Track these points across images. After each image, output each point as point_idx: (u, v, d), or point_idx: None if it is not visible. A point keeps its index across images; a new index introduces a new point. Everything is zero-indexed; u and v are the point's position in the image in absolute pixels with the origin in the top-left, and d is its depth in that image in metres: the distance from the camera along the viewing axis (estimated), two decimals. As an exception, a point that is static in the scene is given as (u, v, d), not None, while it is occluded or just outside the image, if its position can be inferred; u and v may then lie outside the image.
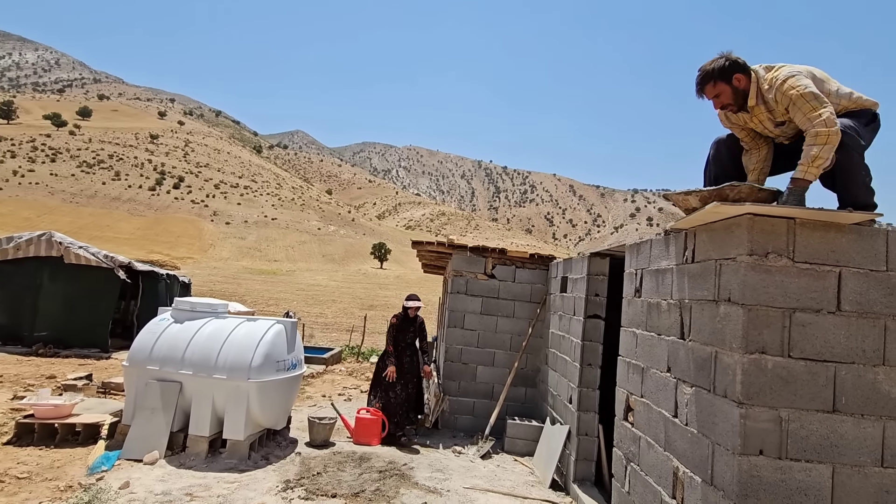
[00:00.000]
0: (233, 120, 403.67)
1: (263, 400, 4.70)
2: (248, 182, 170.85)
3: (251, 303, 27.54)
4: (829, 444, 2.05)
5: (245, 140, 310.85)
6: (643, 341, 3.04)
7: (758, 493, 2.03)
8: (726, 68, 2.30)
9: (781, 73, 2.26)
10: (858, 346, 2.09)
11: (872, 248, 2.13)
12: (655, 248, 3.02)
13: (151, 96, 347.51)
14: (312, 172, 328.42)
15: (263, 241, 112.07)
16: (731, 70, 2.30)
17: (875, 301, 2.10)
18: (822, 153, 2.09)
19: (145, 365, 4.75)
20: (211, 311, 5.27)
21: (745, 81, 2.32)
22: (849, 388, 2.07)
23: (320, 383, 9.02)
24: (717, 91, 2.35)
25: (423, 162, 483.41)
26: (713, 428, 2.23)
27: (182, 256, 75.67)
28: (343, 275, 68.31)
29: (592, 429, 4.60)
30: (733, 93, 2.34)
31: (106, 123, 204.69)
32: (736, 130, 2.58)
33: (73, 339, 9.77)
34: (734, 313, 2.14)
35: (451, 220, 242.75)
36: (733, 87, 2.33)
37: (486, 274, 6.43)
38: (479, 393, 6.32)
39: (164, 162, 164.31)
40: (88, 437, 4.79)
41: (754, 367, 2.07)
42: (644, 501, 2.82)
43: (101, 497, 3.55)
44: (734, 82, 2.32)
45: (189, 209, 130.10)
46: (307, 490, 4.04)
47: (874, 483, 2.04)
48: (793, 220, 2.13)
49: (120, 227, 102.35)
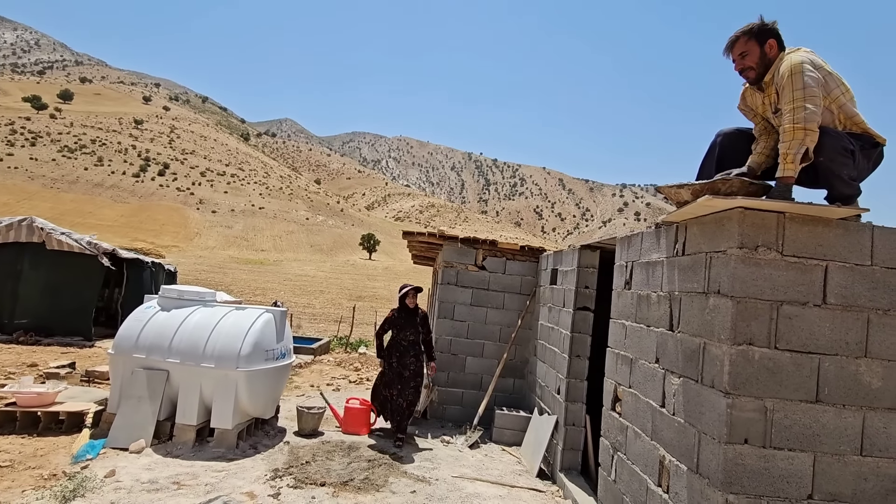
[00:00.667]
0: (220, 106, 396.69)
1: (252, 389, 4.67)
2: (234, 170, 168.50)
3: (238, 292, 27.29)
4: (812, 433, 2.10)
5: (232, 127, 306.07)
6: (632, 333, 3.08)
7: (742, 480, 2.08)
8: (765, 30, 2.29)
9: (795, 56, 2.22)
10: (842, 339, 2.14)
11: (858, 243, 2.17)
12: (646, 241, 3.05)
13: (135, 80, 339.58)
14: (301, 161, 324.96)
15: (250, 230, 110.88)
16: (768, 34, 2.29)
17: (859, 295, 2.15)
18: (790, 150, 2.12)
19: (131, 353, 4.68)
20: (199, 299, 5.21)
21: (775, 51, 2.30)
22: (832, 379, 2.12)
23: (308, 373, 8.99)
24: (747, 49, 2.32)
25: (413, 153, 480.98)
26: (700, 417, 2.27)
27: (167, 245, 74.57)
28: (331, 265, 67.95)
29: (580, 419, 4.66)
30: (760, 56, 2.31)
31: (88, 107, 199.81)
32: (748, 115, 2.55)
33: (55, 326, 9.59)
34: (723, 305, 2.17)
35: (441, 211, 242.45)
36: (763, 51, 2.30)
37: (476, 265, 6.44)
38: (468, 384, 6.36)
39: (148, 148, 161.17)
40: (72, 426, 4.73)
41: (742, 358, 2.11)
42: (630, 489, 2.87)
43: (86, 485, 3.51)
44: (766, 47, 2.30)
45: (174, 197, 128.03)
46: (295, 478, 4.04)
47: (853, 471, 2.10)
48: (782, 215, 2.17)
49: (103, 213, 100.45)
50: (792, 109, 2.13)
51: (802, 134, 2.11)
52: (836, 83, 2.26)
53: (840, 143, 2.16)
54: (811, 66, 2.18)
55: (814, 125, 2.11)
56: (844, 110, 2.26)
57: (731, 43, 2.36)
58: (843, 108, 2.26)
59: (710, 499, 2.13)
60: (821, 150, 2.15)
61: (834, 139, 2.16)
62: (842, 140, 2.17)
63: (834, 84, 2.25)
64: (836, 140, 2.16)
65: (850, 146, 2.17)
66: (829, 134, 2.16)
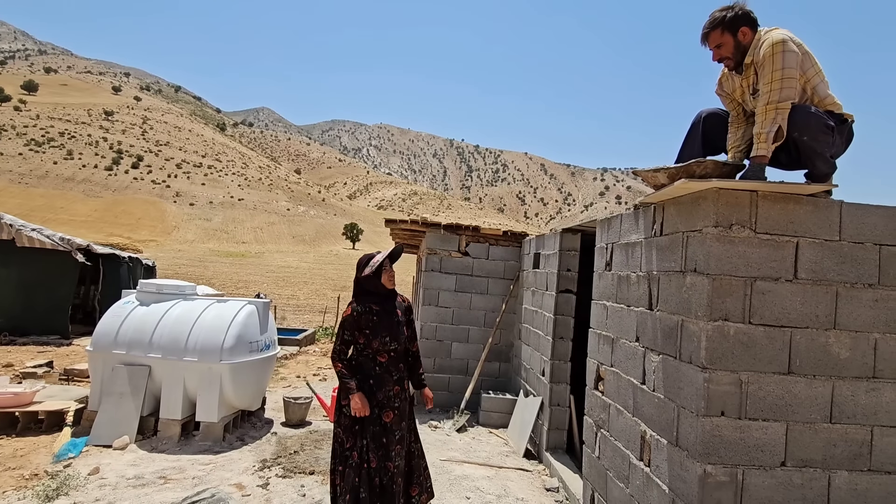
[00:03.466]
0: (193, 96, 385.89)
1: (237, 381, 4.64)
2: (211, 161, 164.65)
3: (219, 286, 26.89)
4: (784, 403, 2.19)
5: (207, 117, 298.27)
6: (613, 313, 3.14)
7: (719, 451, 2.15)
8: (735, 19, 2.27)
9: (776, 34, 2.22)
10: (812, 312, 2.21)
11: (827, 219, 2.24)
12: (626, 223, 3.09)
13: (104, 70, 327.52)
14: (280, 151, 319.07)
15: (230, 222, 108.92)
16: (739, 22, 2.27)
17: (828, 269, 2.22)
18: (763, 128, 2.16)
19: (111, 349, 4.60)
20: (178, 292, 5.12)
21: (749, 36, 2.29)
22: (803, 351, 2.20)
23: (294, 364, 8.96)
24: (721, 41, 2.31)
25: (394, 141, 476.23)
26: (679, 392, 2.33)
27: (144, 239, 72.83)
28: (314, 256, 67.34)
29: (564, 399, 4.75)
30: (735, 46, 2.31)
31: (55, 98, 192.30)
32: (725, 101, 2.57)
33: (30, 325, 9.34)
34: (700, 283, 2.22)
35: (424, 199, 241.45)
36: (737, 41, 2.30)
37: (460, 252, 6.46)
38: (455, 369, 6.42)
39: (120, 140, 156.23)
40: (53, 425, 4.64)
41: (718, 333, 2.17)
42: (613, 465, 2.95)
43: (69, 483, 3.46)
44: (739, 35, 2.29)
45: (150, 190, 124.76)
46: (284, 468, 4.05)
47: (823, 438, 2.19)
48: (755, 193, 2.21)
49: (75, 208, 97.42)
50: (769, 90, 2.16)
51: (774, 113, 2.15)
52: (810, 63, 2.27)
53: (823, 121, 2.19)
54: (793, 46, 2.19)
55: (786, 104, 2.14)
56: (818, 91, 2.29)
57: (704, 35, 2.36)
58: (816, 89, 2.29)
59: (689, 470, 2.20)
60: (805, 130, 2.17)
61: (817, 118, 2.18)
62: (823, 118, 2.20)
63: (809, 64, 2.27)
64: (819, 119, 2.18)
65: (832, 123, 2.21)
66: (812, 113, 2.18)
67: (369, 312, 2.84)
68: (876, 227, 2.25)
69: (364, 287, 2.91)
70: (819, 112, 2.22)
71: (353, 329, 2.84)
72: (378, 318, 2.85)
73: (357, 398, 2.75)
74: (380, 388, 2.84)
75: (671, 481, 2.33)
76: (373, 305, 2.87)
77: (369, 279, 2.90)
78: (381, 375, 2.86)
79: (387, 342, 2.84)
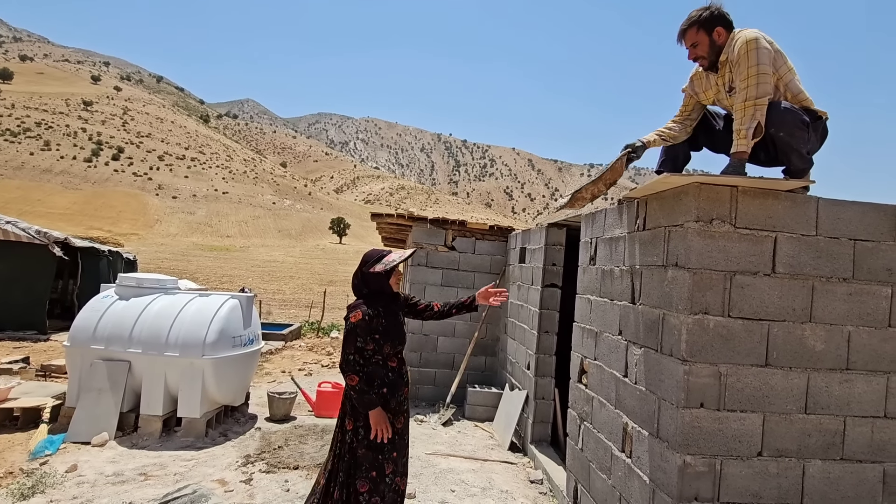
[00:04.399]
0: (176, 86, 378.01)
1: (220, 377, 4.59)
2: (195, 154, 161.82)
3: (203, 280, 26.52)
4: (762, 394, 2.23)
5: (190, 108, 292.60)
6: (597, 307, 3.17)
7: (698, 442, 2.19)
8: (711, 18, 2.33)
9: (749, 33, 2.28)
10: (789, 305, 2.26)
11: (805, 215, 2.28)
12: (610, 217, 3.11)
13: (82, 58, 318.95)
14: (265, 144, 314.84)
15: (214, 216, 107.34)
16: (715, 22, 2.33)
17: (805, 263, 2.27)
18: (742, 125, 2.21)
19: (89, 345, 4.51)
20: (159, 286, 5.04)
21: (724, 36, 2.34)
22: (780, 343, 2.24)
23: (279, 359, 8.89)
24: (697, 40, 2.37)
25: (381, 134, 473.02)
26: (660, 385, 2.37)
27: (125, 233, 71.41)
28: (301, 250, 66.72)
29: (549, 393, 4.79)
30: (710, 45, 2.36)
31: (31, 87, 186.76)
32: (686, 99, 2.62)
33: (5, 321, 9.12)
34: (681, 277, 2.25)
35: (411, 193, 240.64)
36: (711, 40, 2.35)
37: (446, 246, 6.46)
38: (441, 363, 6.43)
39: (100, 131, 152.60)
40: (29, 422, 4.54)
41: (698, 326, 2.20)
42: (596, 456, 2.99)
43: (45, 481, 3.39)
44: (714, 35, 2.34)
45: (131, 182, 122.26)
46: (268, 463, 4.03)
47: (798, 428, 2.25)
48: (735, 189, 2.24)
49: (53, 201, 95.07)
50: (747, 87, 2.21)
51: (753, 109, 2.19)
52: (782, 60, 2.33)
53: (799, 117, 2.25)
54: (765, 43, 2.25)
55: (764, 100, 2.20)
56: (790, 88, 2.34)
57: (681, 33, 2.42)
58: (788, 86, 2.34)
59: (669, 461, 2.24)
60: (782, 126, 2.23)
61: (793, 114, 2.24)
62: (800, 114, 2.26)
63: (781, 61, 2.32)
64: (795, 115, 2.24)
65: (807, 119, 2.27)
66: (788, 110, 2.24)
67: (379, 315, 2.61)
68: (851, 223, 2.30)
69: (367, 283, 2.67)
70: (795, 108, 2.27)
71: (365, 335, 2.55)
72: (387, 320, 2.62)
73: (378, 416, 2.49)
74: (393, 395, 2.62)
75: (652, 472, 2.37)
76: (380, 308, 2.62)
77: (378, 277, 2.64)
78: (395, 381, 2.64)
79: (397, 346, 2.66)
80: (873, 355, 2.28)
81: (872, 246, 2.30)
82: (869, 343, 2.28)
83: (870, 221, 2.30)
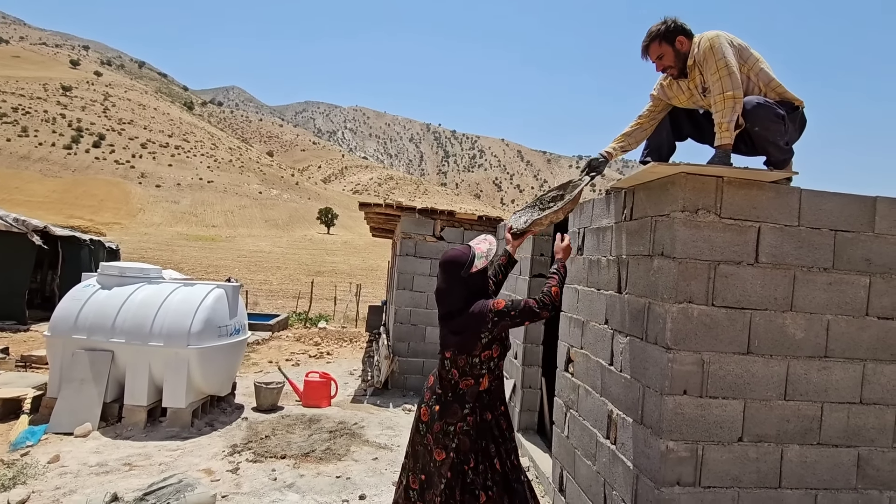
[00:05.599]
0: (159, 72, 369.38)
1: (205, 366, 4.55)
2: (179, 141, 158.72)
3: (188, 270, 26.17)
4: (743, 382, 2.28)
5: (174, 95, 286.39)
6: (584, 296, 3.19)
7: (681, 428, 2.23)
8: (671, 30, 2.39)
9: (709, 33, 2.36)
10: (771, 295, 2.30)
11: (788, 205, 2.32)
12: (597, 208, 3.13)
13: (60, 42, 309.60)
14: (251, 133, 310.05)
15: (199, 205, 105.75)
16: (675, 33, 2.39)
17: (787, 253, 2.31)
18: (724, 118, 2.25)
19: (70, 334, 4.43)
20: (143, 276, 4.96)
21: (687, 45, 2.41)
22: (761, 332, 2.29)
23: (266, 350, 8.84)
24: (661, 52, 2.43)
25: (369, 124, 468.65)
26: (644, 372, 2.40)
27: (107, 222, 70.02)
28: (288, 241, 66.14)
29: (536, 382, 4.84)
30: (675, 55, 2.43)
31: (7, 72, 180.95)
32: (654, 101, 2.65)
33: (-17, 311, 8.90)
34: (666, 266, 2.27)
35: (400, 184, 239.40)
36: (675, 49, 2.41)
37: (434, 236, 6.45)
38: (429, 353, 6.45)
39: (80, 117, 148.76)
40: (9, 413, 4.46)
41: (682, 315, 2.23)
42: (581, 443, 3.04)
43: (27, 472, 3.34)
44: (677, 44, 2.41)
45: (113, 170, 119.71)
46: (255, 453, 4.02)
47: (777, 414, 2.30)
48: (721, 179, 2.27)
49: (31, 189, 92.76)
50: (719, 80, 2.26)
51: (732, 101, 2.24)
52: (748, 53, 2.39)
53: (772, 111, 2.29)
54: (726, 39, 2.32)
55: (740, 91, 2.25)
56: (761, 77, 2.39)
57: (644, 49, 2.47)
58: (759, 75, 2.39)
59: (652, 447, 2.28)
60: (756, 121, 2.28)
61: (766, 108, 2.29)
62: (773, 108, 2.29)
63: (747, 54, 2.38)
64: (769, 109, 2.29)
65: (781, 112, 2.30)
66: (761, 104, 2.28)
67: None
68: (832, 214, 2.34)
69: (473, 287, 2.22)
70: (768, 103, 2.31)
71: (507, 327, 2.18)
72: None
73: None
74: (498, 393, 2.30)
75: (635, 458, 2.42)
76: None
77: (481, 274, 2.26)
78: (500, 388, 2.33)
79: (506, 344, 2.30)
80: (851, 343, 2.34)
81: (852, 237, 2.34)
82: (847, 331, 2.33)
83: (850, 212, 2.34)
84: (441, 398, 2.21)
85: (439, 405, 2.20)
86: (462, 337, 2.18)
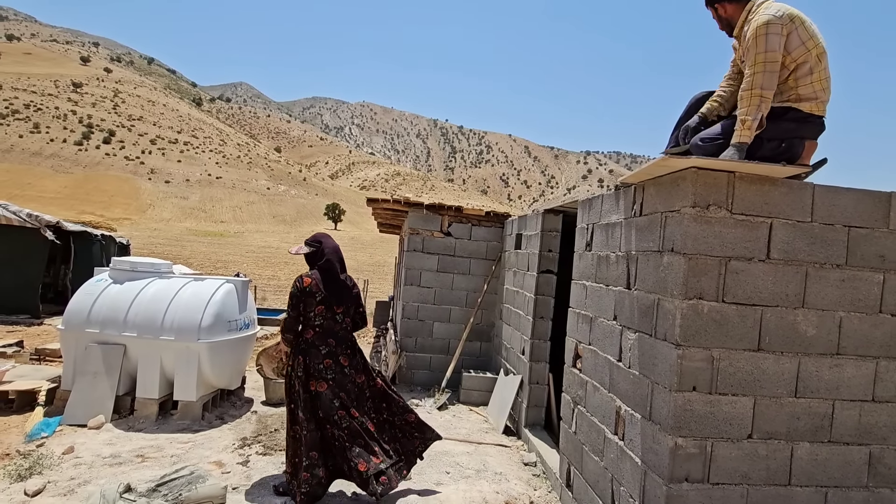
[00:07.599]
0: (168, 69, 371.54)
1: (215, 360, 4.59)
2: (188, 137, 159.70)
3: (197, 266, 26.40)
4: (753, 378, 2.26)
5: (182, 92, 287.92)
6: (592, 292, 3.18)
7: (690, 424, 2.23)
8: None
9: (762, 17, 2.19)
10: (782, 291, 2.28)
11: (800, 201, 2.29)
12: (606, 203, 3.11)
13: (71, 39, 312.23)
14: (259, 128, 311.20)
15: (208, 201, 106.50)
16: None
17: (799, 250, 2.29)
18: (748, 115, 2.16)
19: (83, 328, 4.49)
20: (154, 270, 5.01)
21: (730, 11, 2.38)
22: (772, 328, 2.27)
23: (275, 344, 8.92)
24: (714, 10, 2.45)
25: (377, 120, 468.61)
26: (653, 369, 2.40)
27: (118, 217, 70.73)
28: (295, 236, 66.45)
29: (543, 377, 4.84)
30: (718, 18, 2.44)
31: (18, 68, 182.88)
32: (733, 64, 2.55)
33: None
34: (676, 262, 2.26)
35: (407, 180, 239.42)
36: (717, 14, 2.43)
37: (442, 232, 6.45)
38: (436, 348, 6.46)
39: (90, 114, 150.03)
40: (24, 405, 4.54)
41: (692, 311, 2.22)
42: (589, 439, 3.04)
43: (42, 462, 3.40)
44: (719, 10, 2.41)
45: (123, 166, 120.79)
46: (265, 446, 4.06)
47: (787, 411, 2.29)
48: (733, 174, 2.25)
49: (44, 185, 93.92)
50: (752, 74, 2.16)
51: (759, 100, 2.15)
52: (800, 41, 2.21)
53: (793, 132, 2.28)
54: (777, 26, 2.15)
55: (769, 93, 2.15)
56: (797, 73, 2.25)
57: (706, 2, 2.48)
58: (796, 71, 2.24)
59: (660, 443, 2.28)
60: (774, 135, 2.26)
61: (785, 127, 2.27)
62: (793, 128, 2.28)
63: (798, 42, 2.21)
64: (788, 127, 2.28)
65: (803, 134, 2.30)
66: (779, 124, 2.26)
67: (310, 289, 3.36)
68: (846, 210, 2.31)
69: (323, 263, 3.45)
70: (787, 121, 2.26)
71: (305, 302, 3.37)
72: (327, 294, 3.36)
73: None
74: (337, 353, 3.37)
75: (644, 454, 2.41)
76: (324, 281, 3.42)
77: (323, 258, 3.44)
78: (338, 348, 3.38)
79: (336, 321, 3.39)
80: (863, 340, 2.31)
81: (866, 233, 2.31)
82: (860, 329, 2.31)
83: (864, 208, 2.32)
84: None
85: None
86: None
